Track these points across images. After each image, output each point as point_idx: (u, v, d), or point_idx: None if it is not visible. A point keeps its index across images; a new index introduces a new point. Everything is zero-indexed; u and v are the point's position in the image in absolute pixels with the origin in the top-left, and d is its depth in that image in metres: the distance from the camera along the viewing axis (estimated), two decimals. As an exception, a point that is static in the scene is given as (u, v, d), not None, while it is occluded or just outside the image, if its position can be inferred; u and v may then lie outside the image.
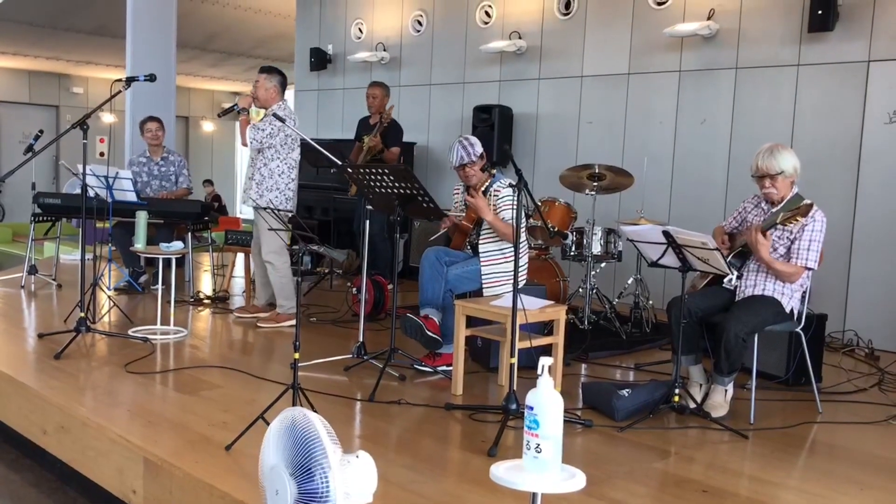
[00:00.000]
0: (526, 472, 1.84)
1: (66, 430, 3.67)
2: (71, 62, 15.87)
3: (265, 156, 5.46)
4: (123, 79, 5.09)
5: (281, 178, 5.47)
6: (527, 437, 1.88)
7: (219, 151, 19.87)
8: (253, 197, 5.42)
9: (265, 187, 5.45)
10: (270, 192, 5.45)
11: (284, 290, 5.56)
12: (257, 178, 5.46)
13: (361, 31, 9.19)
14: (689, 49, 6.57)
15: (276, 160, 5.45)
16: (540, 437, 1.85)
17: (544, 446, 1.84)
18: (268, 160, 5.45)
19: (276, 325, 5.57)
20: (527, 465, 1.86)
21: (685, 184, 6.64)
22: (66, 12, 12.17)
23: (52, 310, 6.15)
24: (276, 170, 5.45)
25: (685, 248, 3.69)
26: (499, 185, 4.44)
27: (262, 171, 5.46)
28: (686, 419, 3.83)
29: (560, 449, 1.87)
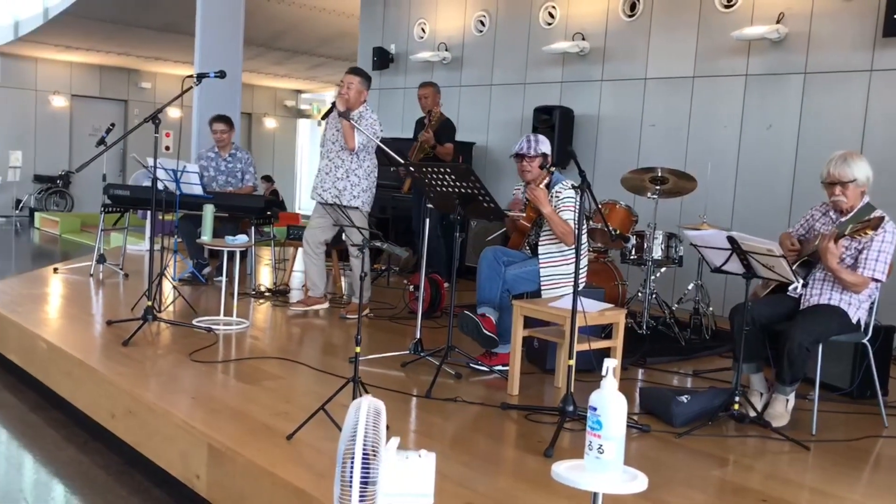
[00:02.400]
0: (588, 471, 1.85)
1: (133, 415, 3.79)
2: (140, 58, 16.32)
3: (360, 156, 5.54)
4: (194, 75, 5.22)
5: (371, 177, 5.63)
6: (589, 438, 1.89)
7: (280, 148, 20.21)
8: (347, 197, 5.52)
9: (361, 188, 5.57)
10: (365, 193, 5.58)
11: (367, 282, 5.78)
12: (353, 179, 5.55)
13: (424, 31, 9.25)
14: (756, 53, 6.46)
15: (367, 161, 5.58)
16: (602, 438, 1.85)
17: (607, 447, 1.85)
18: (361, 161, 5.55)
19: (306, 307, 5.88)
20: (588, 465, 1.87)
21: (749, 189, 6.54)
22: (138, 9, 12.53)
23: (118, 298, 6.34)
24: (370, 169, 5.60)
25: (750, 255, 3.64)
26: (560, 185, 4.44)
27: (358, 173, 5.55)
28: (745, 428, 3.77)
29: (622, 450, 1.87)
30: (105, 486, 3.68)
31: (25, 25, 14.65)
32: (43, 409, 4.62)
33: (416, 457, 2.04)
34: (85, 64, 16.82)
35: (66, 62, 16.61)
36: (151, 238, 5.18)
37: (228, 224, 6.57)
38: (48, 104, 16.60)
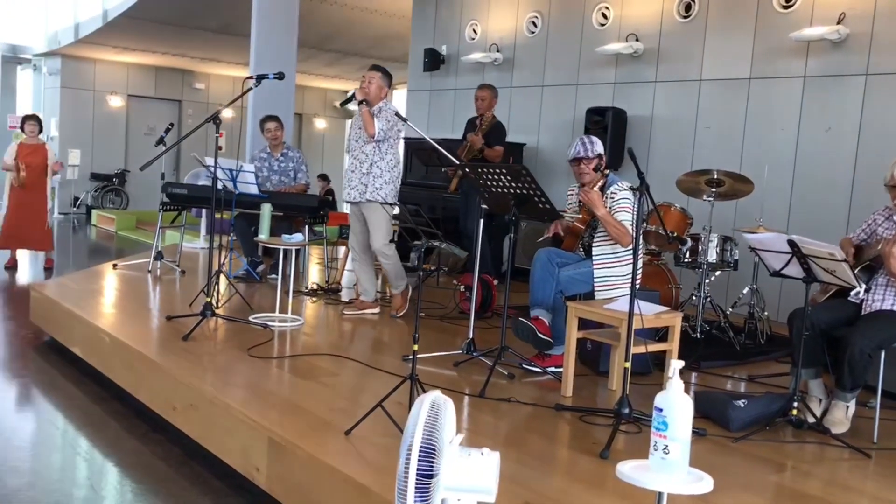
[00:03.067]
0: (653, 472, 1.86)
1: (194, 408, 3.89)
2: (195, 59, 16.64)
3: (381, 149, 5.57)
4: (253, 76, 5.32)
5: (394, 170, 5.63)
6: (654, 439, 1.89)
7: (330, 148, 20.41)
8: (369, 190, 5.54)
9: (384, 180, 5.57)
10: (388, 185, 5.59)
11: (400, 271, 5.82)
12: (375, 171, 5.56)
13: (476, 32, 9.28)
14: (815, 54, 6.36)
15: (390, 153, 5.61)
16: (668, 439, 1.86)
17: (672, 448, 1.85)
18: (383, 153, 5.58)
19: (359, 312, 5.82)
20: (654, 465, 1.88)
21: (806, 192, 6.43)
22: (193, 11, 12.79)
23: (175, 294, 6.49)
24: (391, 162, 5.62)
25: (811, 259, 3.59)
26: (616, 187, 4.42)
27: (380, 165, 5.57)
28: (804, 434, 3.72)
29: (688, 452, 1.88)
30: (166, 476, 3.77)
31: (85, 28, 15.05)
32: (105, 400, 4.76)
33: (479, 454, 2.06)
34: (141, 65, 17.20)
35: (123, 63, 17.01)
36: (211, 236, 5.30)
37: (282, 223, 6.67)
38: (105, 104, 17.02)
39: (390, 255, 5.72)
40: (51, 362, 5.51)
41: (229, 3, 11.75)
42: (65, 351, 5.53)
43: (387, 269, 5.82)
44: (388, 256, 5.72)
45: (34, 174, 8.61)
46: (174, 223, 7.96)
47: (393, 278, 5.85)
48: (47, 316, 5.94)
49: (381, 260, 5.74)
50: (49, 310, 5.88)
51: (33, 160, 8.60)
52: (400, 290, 5.87)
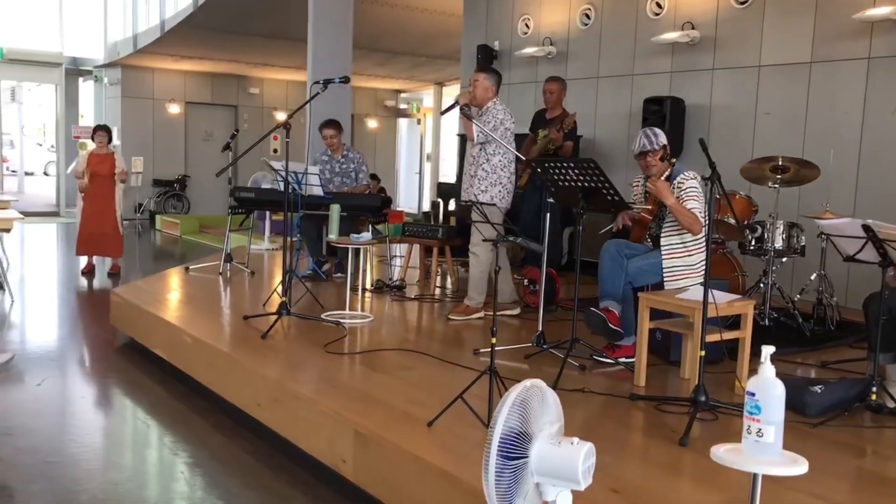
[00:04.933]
0: (747, 454, 1.91)
1: (279, 403, 4.04)
2: (249, 64, 16.97)
3: (487, 151, 5.50)
4: (321, 81, 5.46)
5: (503, 171, 5.51)
6: (747, 423, 1.95)
7: (381, 148, 20.62)
8: (476, 192, 5.49)
9: (489, 182, 5.49)
10: (494, 188, 5.49)
11: (479, 283, 5.64)
12: (480, 173, 5.51)
13: (528, 27, 9.31)
14: (879, 34, 6.26)
15: (497, 154, 5.48)
16: (762, 423, 1.91)
17: (766, 431, 1.91)
18: (490, 155, 5.49)
19: (465, 317, 5.65)
20: (747, 448, 1.93)
21: (873, 176, 6.34)
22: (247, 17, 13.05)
23: (246, 294, 6.69)
24: (499, 164, 5.50)
25: (887, 243, 3.58)
26: (683, 176, 4.44)
27: (486, 167, 5.50)
28: (883, 419, 3.71)
29: (781, 434, 1.93)
30: (254, 468, 3.93)
31: (143, 38, 15.47)
32: (189, 398, 4.95)
33: (570, 444, 2.14)
34: (197, 72, 17.60)
35: (180, 71, 17.43)
36: (285, 238, 5.46)
37: (347, 222, 6.81)
38: (164, 111, 17.46)
39: (482, 261, 5.57)
40: (133, 363, 5.74)
41: (281, 8, 11.97)
42: (146, 352, 5.76)
43: (470, 273, 5.68)
44: (480, 261, 5.58)
45: (104, 182, 8.92)
46: (242, 226, 8.17)
47: (471, 286, 5.68)
48: (127, 319, 6.18)
49: (470, 260, 5.65)
50: (129, 313, 6.12)
51: (102, 169, 8.90)
52: (472, 303, 5.69)
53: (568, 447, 2.08)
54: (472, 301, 5.70)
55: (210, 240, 13.43)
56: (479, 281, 5.66)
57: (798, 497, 2.87)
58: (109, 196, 9.02)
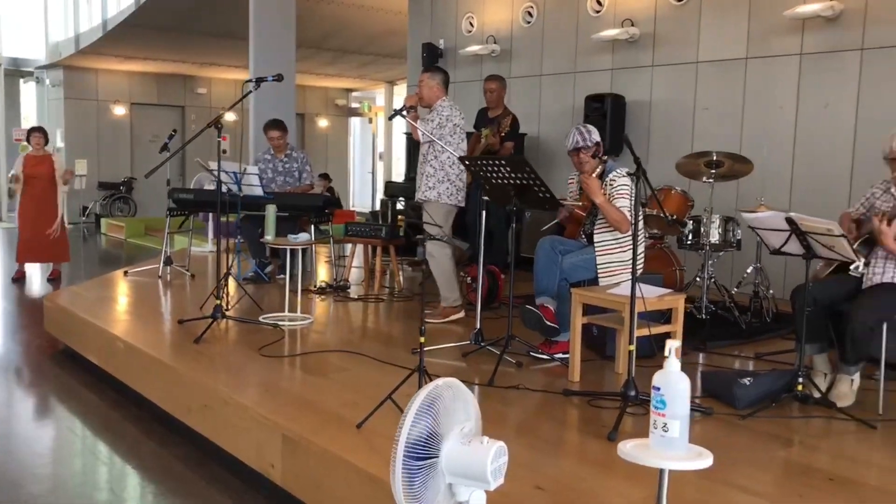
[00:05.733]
0: (653, 449, 1.91)
1: (209, 409, 3.96)
2: (195, 64, 16.73)
3: (435, 148, 5.43)
4: (253, 79, 5.38)
5: (452, 169, 5.43)
6: (654, 417, 1.94)
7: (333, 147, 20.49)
8: (422, 190, 5.44)
9: (436, 179, 5.43)
10: (441, 184, 5.43)
11: (449, 283, 5.56)
12: (428, 171, 5.45)
13: (472, 25, 9.31)
14: (810, 31, 6.37)
15: (446, 152, 5.40)
16: (667, 417, 1.91)
17: (671, 425, 1.90)
18: (438, 152, 5.43)
19: (444, 319, 5.55)
20: (654, 443, 1.93)
21: (807, 170, 6.46)
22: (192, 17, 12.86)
23: (186, 298, 6.57)
24: (447, 161, 5.42)
25: (809, 235, 3.63)
26: (615, 173, 4.47)
27: (433, 164, 5.44)
28: (810, 409, 3.76)
29: (687, 429, 1.93)
30: (184, 476, 3.86)
31: (86, 38, 15.15)
32: (122, 406, 4.84)
33: (479, 442, 2.11)
34: (143, 73, 17.30)
35: (124, 72, 17.11)
36: (218, 239, 5.36)
37: (288, 223, 6.74)
38: (109, 113, 17.13)
39: (439, 261, 5.49)
40: (67, 370, 5.60)
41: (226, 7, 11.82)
42: (80, 359, 5.62)
43: (435, 276, 5.55)
44: (438, 262, 5.50)
45: (43, 185, 8.67)
46: (181, 228, 8.04)
47: (441, 288, 5.57)
48: (61, 325, 6.03)
49: (430, 262, 5.53)
50: (63, 319, 5.97)
51: (40, 171, 8.65)
52: (447, 303, 5.58)
53: (477, 446, 2.05)
54: (447, 301, 5.61)
55: (156, 243, 13.19)
56: (446, 280, 5.58)
57: (722, 489, 2.89)
58: (50, 199, 8.76)
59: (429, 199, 5.47)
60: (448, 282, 5.56)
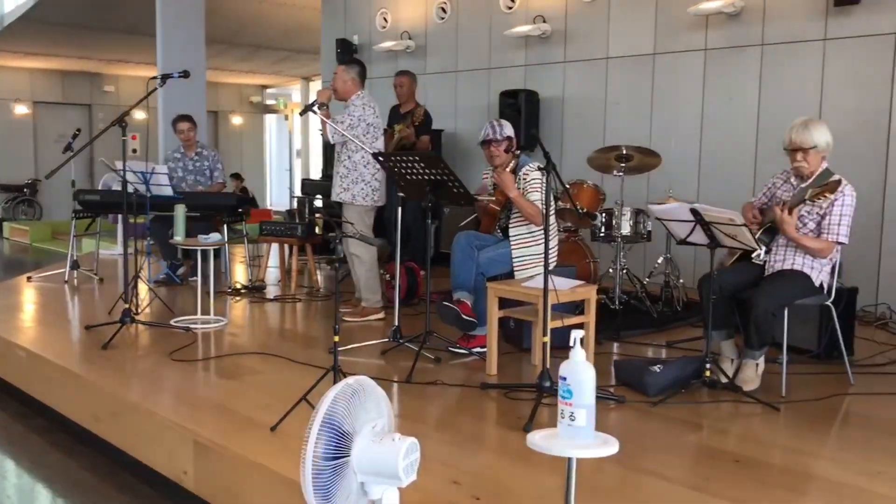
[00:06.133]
0: (561, 438, 1.93)
1: (117, 416, 3.83)
2: (102, 61, 16.16)
3: (349, 148, 5.34)
4: (158, 76, 5.22)
5: (367, 168, 5.33)
6: (561, 407, 1.97)
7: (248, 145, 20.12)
8: (337, 191, 5.36)
9: (350, 180, 5.34)
10: (356, 185, 5.34)
11: (370, 283, 5.51)
12: (342, 171, 5.36)
13: (386, 21, 9.27)
14: (714, 27, 6.57)
15: (360, 151, 5.29)
16: (574, 406, 1.93)
17: (577, 414, 1.93)
18: (351, 152, 5.34)
19: (363, 318, 5.50)
20: (561, 432, 1.95)
21: (713, 162, 6.66)
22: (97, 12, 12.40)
23: (94, 303, 6.34)
24: (361, 161, 5.32)
25: (713, 225, 3.74)
26: (527, 168, 4.51)
27: (347, 164, 5.35)
28: (718, 393, 3.89)
29: (593, 417, 1.96)
30: (93, 487, 3.72)
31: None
32: (26, 417, 4.63)
33: (391, 440, 2.10)
34: (46, 70, 16.62)
35: (26, 69, 16.40)
36: (124, 242, 5.19)
37: (201, 223, 6.56)
38: (10, 112, 16.39)
39: (365, 261, 5.45)
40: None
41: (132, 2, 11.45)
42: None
43: (359, 275, 5.51)
44: (363, 262, 5.46)
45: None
46: (88, 231, 7.76)
47: (364, 288, 5.52)
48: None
49: (355, 262, 5.48)
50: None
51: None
52: (369, 304, 5.54)
53: (389, 444, 2.04)
54: (368, 302, 5.56)
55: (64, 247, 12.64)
56: (369, 281, 5.52)
57: (635, 476, 2.95)
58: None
59: (344, 201, 5.42)
60: (370, 282, 5.53)
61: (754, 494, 2.80)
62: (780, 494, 2.82)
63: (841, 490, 2.86)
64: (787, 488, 2.89)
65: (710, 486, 2.87)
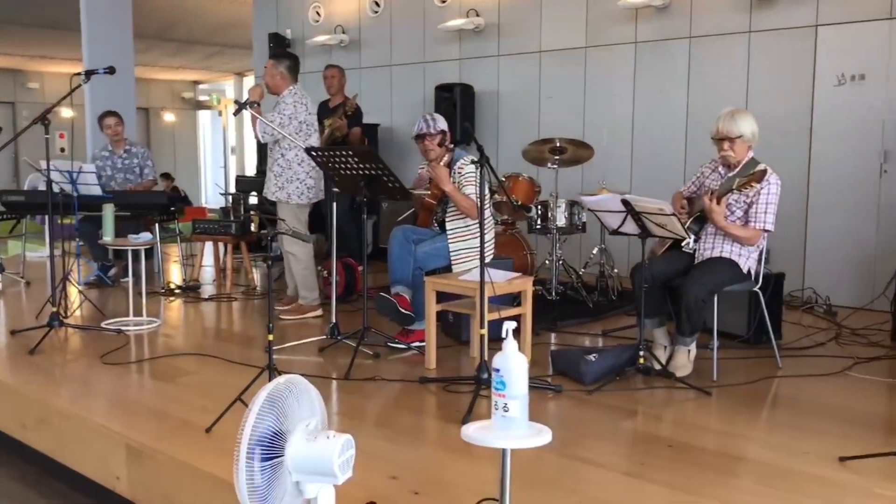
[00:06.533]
0: (495, 430, 1.94)
1: (46, 423, 3.72)
2: (26, 57, 15.63)
3: (282, 146, 5.26)
4: (82, 72, 5.07)
5: (300, 167, 5.26)
6: (495, 398, 1.98)
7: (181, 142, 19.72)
8: (272, 190, 5.30)
9: (285, 179, 5.27)
10: (290, 184, 5.27)
11: (307, 281, 5.45)
12: (276, 170, 5.28)
13: (319, 15, 9.18)
14: (643, 20, 6.68)
15: (293, 149, 5.22)
16: (507, 397, 1.95)
17: (511, 405, 1.94)
18: (285, 150, 5.26)
19: (300, 316, 5.44)
20: (496, 423, 1.96)
21: (645, 153, 6.78)
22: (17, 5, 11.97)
23: (21, 307, 6.14)
24: (295, 159, 5.25)
25: (643, 215, 3.81)
26: (462, 162, 4.52)
27: (280, 163, 5.27)
28: (652, 380, 3.97)
29: (526, 408, 1.97)
30: (23, 497, 3.60)
31: None
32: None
33: (325, 437, 2.08)
34: (-35, 67, 16.02)
35: (-57, 66, 15.80)
36: (51, 243, 5.04)
37: (131, 223, 6.41)
38: (-73, 111, 15.76)
39: (301, 259, 5.40)
40: None
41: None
42: None
43: (295, 273, 5.46)
44: (299, 260, 5.41)
45: None
46: (13, 233, 7.50)
47: (300, 286, 5.46)
48: None
49: (291, 260, 5.44)
50: None
51: None
52: (305, 302, 5.48)
53: (324, 442, 2.03)
54: (305, 300, 5.50)
55: (-12, 250, 12.25)
56: (306, 279, 5.46)
57: (573, 464, 2.99)
58: None
59: (279, 200, 5.36)
60: (307, 280, 5.48)
61: (687, 478, 2.87)
62: (711, 477, 2.89)
63: (770, 470, 2.95)
64: (719, 471, 2.97)
65: (645, 472, 2.93)
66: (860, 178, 5.70)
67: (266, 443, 2.01)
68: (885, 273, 5.29)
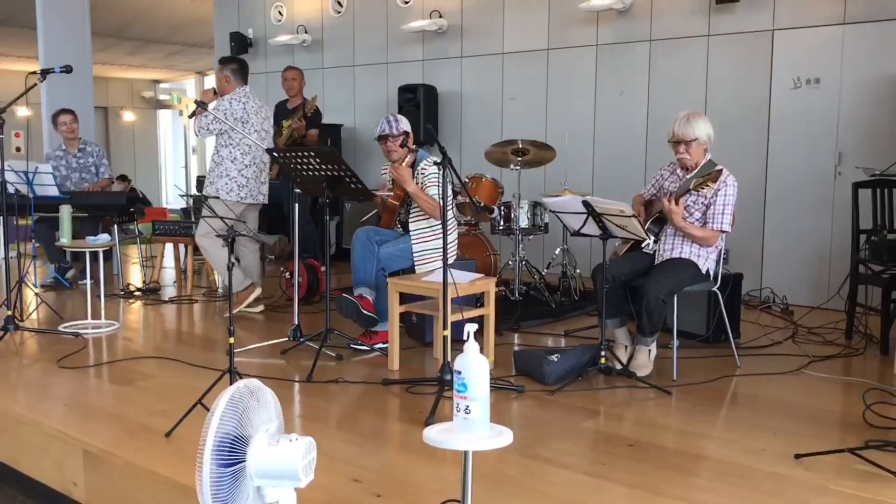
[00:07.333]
0: (456, 432, 1.95)
1: (1, 430, 3.64)
2: (-23, 55, 15.29)
3: (217, 143, 5.45)
4: (38, 71, 4.98)
5: (233, 164, 5.39)
6: (456, 400, 1.98)
7: (141, 142, 19.44)
8: (206, 183, 5.44)
9: (216, 174, 5.43)
10: (220, 179, 5.40)
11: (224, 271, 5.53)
12: (210, 165, 5.46)
13: (282, 14, 9.12)
14: (604, 23, 6.75)
15: (228, 146, 5.40)
16: (469, 399, 1.95)
17: (473, 407, 1.95)
18: (220, 146, 5.44)
19: (243, 305, 5.57)
20: (457, 426, 1.97)
21: (606, 154, 6.84)
22: (-30, 3, 11.71)
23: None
24: (228, 156, 5.40)
25: (604, 217, 3.85)
26: (425, 163, 4.53)
27: (215, 158, 5.45)
28: (613, 380, 4.00)
29: (488, 409, 1.98)
30: (-25, 506, 3.52)
31: None
32: None
33: (287, 441, 2.07)
34: (-85, 64, 15.61)
35: None
36: (6, 245, 4.93)
37: (89, 224, 6.32)
38: None
39: (208, 251, 5.57)
40: None
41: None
42: None
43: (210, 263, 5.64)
44: (207, 252, 5.60)
45: None
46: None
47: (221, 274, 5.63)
48: None
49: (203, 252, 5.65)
50: None
51: None
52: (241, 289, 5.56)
53: (286, 445, 2.01)
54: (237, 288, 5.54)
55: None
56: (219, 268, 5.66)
57: (535, 464, 3.00)
58: None
59: (209, 194, 5.42)
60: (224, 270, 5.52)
61: (648, 477, 2.90)
62: (671, 476, 2.93)
63: (728, 468, 2.99)
64: (679, 470, 3.00)
65: (606, 472, 2.95)
66: (815, 180, 5.82)
67: (227, 447, 1.99)
68: (840, 273, 5.41)
